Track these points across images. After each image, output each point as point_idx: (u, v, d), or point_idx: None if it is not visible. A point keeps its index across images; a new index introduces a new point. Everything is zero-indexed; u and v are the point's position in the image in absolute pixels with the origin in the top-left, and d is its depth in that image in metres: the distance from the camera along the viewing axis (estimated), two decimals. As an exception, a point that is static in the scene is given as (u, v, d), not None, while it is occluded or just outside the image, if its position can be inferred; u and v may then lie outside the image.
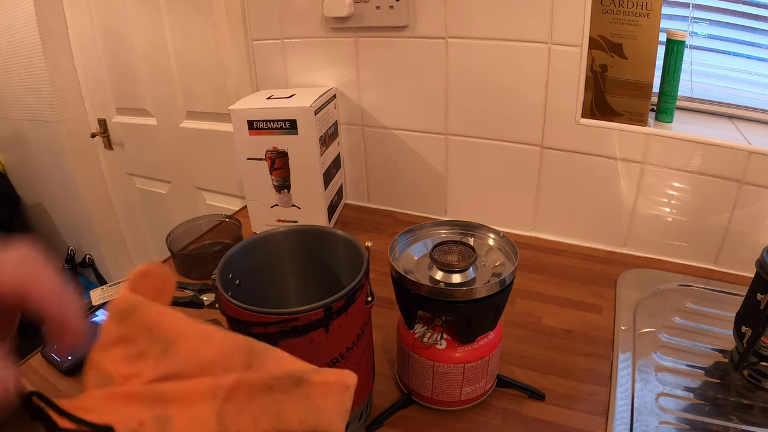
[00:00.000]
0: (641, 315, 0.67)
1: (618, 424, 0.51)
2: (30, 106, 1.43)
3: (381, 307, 0.52)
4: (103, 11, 1.23)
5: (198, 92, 1.17)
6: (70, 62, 1.35)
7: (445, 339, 0.49)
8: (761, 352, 0.53)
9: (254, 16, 0.94)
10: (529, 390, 0.55)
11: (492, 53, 0.78)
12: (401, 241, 0.52)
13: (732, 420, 0.52)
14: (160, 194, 1.42)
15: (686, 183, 0.74)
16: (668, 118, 0.76)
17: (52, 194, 1.63)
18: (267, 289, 0.52)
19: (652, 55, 0.72)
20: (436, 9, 0.78)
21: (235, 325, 0.41)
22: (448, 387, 0.50)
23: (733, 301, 0.62)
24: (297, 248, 0.52)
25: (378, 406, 0.54)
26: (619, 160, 0.76)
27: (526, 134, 0.81)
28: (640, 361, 0.59)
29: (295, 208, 0.86)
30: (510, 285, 0.48)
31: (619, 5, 0.71)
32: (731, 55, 0.77)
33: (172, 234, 0.84)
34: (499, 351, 0.51)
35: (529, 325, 0.66)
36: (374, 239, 0.87)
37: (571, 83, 0.74)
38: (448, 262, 0.48)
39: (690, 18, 0.76)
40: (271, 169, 0.83)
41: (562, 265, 0.79)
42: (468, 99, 0.83)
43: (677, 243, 0.78)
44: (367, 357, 0.48)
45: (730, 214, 0.72)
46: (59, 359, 0.62)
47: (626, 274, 0.75)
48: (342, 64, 0.91)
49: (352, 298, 0.41)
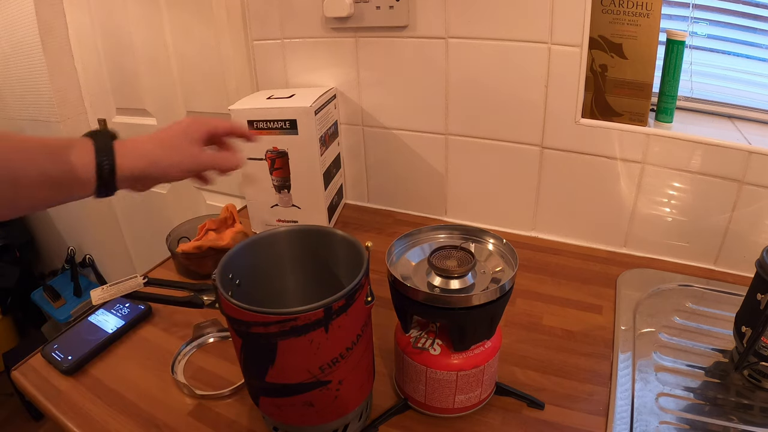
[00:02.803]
0: (641, 315, 0.67)
1: (618, 424, 0.51)
2: (30, 106, 1.43)
3: (381, 307, 0.52)
4: (103, 11, 1.23)
5: (198, 92, 1.17)
6: (70, 62, 1.35)
7: (439, 345, 0.48)
8: (761, 352, 0.53)
9: (254, 16, 0.94)
10: (528, 399, 0.54)
11: (492, 53, 0.78)
12: (399, 245, 0.52)
13: (732, 420, 0.52)
14: (160, 194, 1.42)
15: (686, 183, 0.74)
16: (668, 118, 0.76)
17: (52, 194, 1.63)
18: (267, 289, 0.52)
19: (652, 55, 0.72)
20: (436, 9, 0.78)
21: (235, 325, 0.41)
22: (440, 394, 0.50)
23: (733, 301, 0.62)
24: (297, 248, 0.52)
25: (378, 406, 0.54)
26: (619, 160, 0.76)
27: (526, 134, 0.81)
28: (640, 361, 0.59)
29: (295, 208, 0.86)
30: (508, 293, 0.46)
31: (619, 5, 0.71)
32: (731, 55, 0.77)
33: (172, 234, 0.84)
34: (496, 360, 0.50)
35: (529, 325, 0.66)
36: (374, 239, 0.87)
37: (571, 83, 0.74)
38: (446, 267, 0.47)
39: (690, 18, 0.76)
40: (271, 169, 0.83)
41: (562, 265, 0.79)
42: (468, 99, 0.83)
43: (677, 243, 0.78)
44: (367, 357, 0.48)
45: (730, 214, 0.72)
46: (59, 359, 0.62)
47: (626, 274, 0.75)
48: (342, 64, 0.90)
49: (352, 298, 0.41)
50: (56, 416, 0.56)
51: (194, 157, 0.49)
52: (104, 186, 0.44)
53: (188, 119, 0.51)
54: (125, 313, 0.70)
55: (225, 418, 0.54)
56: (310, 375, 0.42)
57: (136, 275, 0.57)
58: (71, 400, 0.57)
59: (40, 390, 0.59)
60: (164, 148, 0.47)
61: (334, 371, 0.43)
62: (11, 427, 1.60)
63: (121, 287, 0.55)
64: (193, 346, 0.65)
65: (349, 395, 0.47)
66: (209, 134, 0.51)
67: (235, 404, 0.56)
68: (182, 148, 0.48)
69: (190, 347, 0.65)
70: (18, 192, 0.39)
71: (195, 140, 0.49)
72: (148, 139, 0.47)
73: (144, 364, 0.62)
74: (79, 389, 0.59)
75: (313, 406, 0.45)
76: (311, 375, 0.42)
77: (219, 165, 0.50)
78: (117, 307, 0.71)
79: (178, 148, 0.48)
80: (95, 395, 0.58)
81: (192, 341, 0.65)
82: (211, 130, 0.51)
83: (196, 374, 0.61)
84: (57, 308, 1.60)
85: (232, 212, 0.86)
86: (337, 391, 0.45)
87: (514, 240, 0.74)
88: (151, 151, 0.46)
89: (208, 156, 0.50)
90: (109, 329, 0.67)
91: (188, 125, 0.50)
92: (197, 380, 0.60)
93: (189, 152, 0.48)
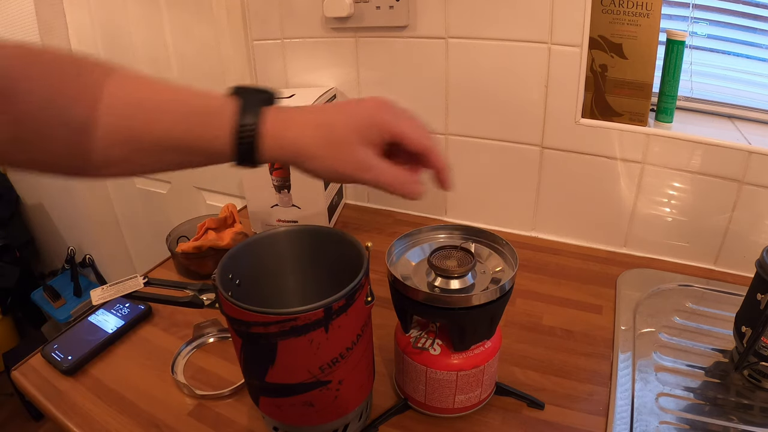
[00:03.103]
0: (641, 315, 0.67)
1: (618, 424, 0.51)
2: (30, 106, 1.43)
3: (381, 307, 0.52)
4: (103, 11, 1.23)
5: (198, 92, 1.17)
6: (70, 62, 1.35)
7: (439, 345, 0.48)
8: (761, 352, 0.53)
9: (254, 16, 0.94)
10: (528, 399, 0.54)
11: (492, 53, 0.78)
12: (399, 245, 0.52)
13: (732, 420, 0.52)
14: (160, 194, 1.42)
15: (686, 183, 0.74)
16: (668, 118, 0.76)
17: (52, 194, 1.63)
18: (267, 289, 0.52)
19: (652, 55, 0.72)
20: (436, 9, 0.78)
21: (235, 325, 0.41)
22: (440, 394, 0.50)
23: (733, 301, 0.62)
24: (297, 248, 0.52)
25: (378, 406, 0.54)
26: (619, 160, 0.76)
27: (526, 134, 0.81)
28: (640, 361, 0.59)
29: (295, 208, 0.86)
30: (508, 293, 0.46)
31: (619, 5, 0.71)
32: (731, 55, 0.77)
33: (172, 234, 0.84)
34: (496, 360, 0.50)
35: (529, 325, 0.66)
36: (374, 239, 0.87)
37: (571, 83, 0.74)
38: (446, 267, 0.46)
39: (690, 18, 0.76)
40: (271, 169, 0.83)
41: (562, 265, 0.79)
42: (468, 99, 0.83)
43: (677, 243, 0.78)
44: (367, 357, 0.48)
45: (730, 214, 0.72)
46: (59, 359, 0.62)
47: (626, 274, 0.75)
48: (342, 64, 0.90)
49: (352, 298, 0.41)
50: (56, 416, 0.56)
51: (359, 166, 0.37)
52: (243, 163, 0.37)
53: (373, 106, 0.38)
54: (125, 313, 0.70)
55: (225, 418, 0.54)
56: (310, 375, 0.42)
57: (136, 275, 0.57)
58: (71, 400, 0.57)
59: (40, 390, 0.59)
60: (324, 144, 0.36)
61: (334, 371, 0.43)
62: (11, 427, 1.60)
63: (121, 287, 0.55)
64: (193, 346, 0.65)
65: (349, 395, 0.47)
66: (393, 141, 0.38)
67: (235, 404, 0.56)
68: (349, 149, 0.37)
69: (190, 347, 0.65)
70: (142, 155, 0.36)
71: (370, 143, 0.37)
72: (311, 121, 0.37)
73: (144, 364, 0.62)
74: (79, 389, 0.59)
75: (313, 406, 0.45)
76: (311, 375, 0.42)
77: (389, 188, 0.39)
78: (117, 307, 0.71)
79: (343, 147, 0.36)
80: (95, 395, 0.58)
81: (192, 341, 0.65)
82: (397, 138, 0.38)
83: (196, 374, 0.61)
84: (57, 308, 1.61)
85: (232, 212, 0.86)
86: (337, 391, 0.45)
87: (514, 240, 0.73)
88: (305, 143, 0.36)
89: (378, 173, 0.38)
90: (109, 329, 0.67)
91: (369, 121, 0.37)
92: (197, 380, 0.60)
93: (354, 158, 0.37)
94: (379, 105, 0.38)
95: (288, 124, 0.36)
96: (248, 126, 0.36)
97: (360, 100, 0.39)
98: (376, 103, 0.38)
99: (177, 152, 0.36)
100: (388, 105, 0.39)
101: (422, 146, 0.39)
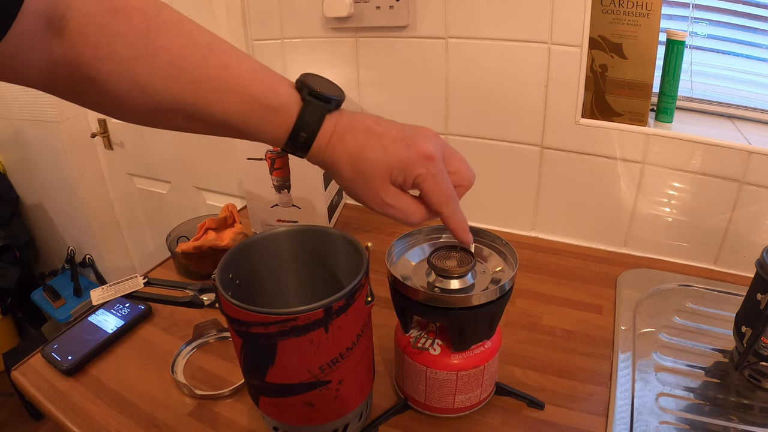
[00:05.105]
0: (641, 315, 0.67)
1: (618, 424, 0.51)
2: (30, 106, 1.43)
3: (381, 307, 0.52)
4: (103, 11, 1.23)
5: (198, 92, 1.17)
6: (70, 62, 1.35)
7: (439, 345, 0.48)
8: (761, 352, 0.53)
9: (254, 16, 0.94)
10: (528, 399, 0.54)
11: (492, 53, 0.78)
12: (399, 245, 0.51)
13: (732, 420, 0.52)
14: (160, 194, 1.42)
15: (686, 183, 0.74)
16: (668, 118, 0.76)
17: (52, 194, 1.63)
18: (267, 289, 0.52)
19: (652, 55, 0.72)
20: (436, 9, 0.78)
21: (235, 325, 0.41)
22: (440, 394, 0.50)
23: (733, 301, 0.62)
24: (297, 248, 0.52)
25: (378, 406, 0.54)
26: (619, 160, 0.76)
27: (526, 134, 0.81)
28: (640, 361, 0.59)
29: (295, 208, 0.86)
30: (507, 293, 0.46)
31: (619, 5, 0.71)
32: (731, 55, 0.77)
33: (172, 234, 0.84)
34: (497, 360, 0.50)
35: (529, 325, 0.66)
36: (374, 239, 0.87)
37: (571, 83, 0.74)
38: (446, 267, 0.46)
39: (690, 18, 0.76)
40: (271, 169, 0.83)
41: (562, 265, 0.79)
42: (468, 99, 0.83)
43: (677, 243, 0.78)
44: (367, 357, 0.48)
45: (730, 214, 0.72)
46: (59, 359, 0.62)
47: (626, 274, 0.75)
48: (342, 64, 0.90)
49: (352, 298, 0.41)
50: (56, 416, 0.56)
51: (380, 202, 0.40)
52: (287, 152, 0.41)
53: (415, 153, 0.38)
54: (125, 313, 0.70)
55: (225, 418, 0.54)
56: (310, 375, 0.42)
57: (136, 275, 0.57)
58: (71, 400, 0.57)
59: (40, 390, 0.59)
60: (355, 174, 0.39)
61: (334, 371, 0.43)
62: (11, 427, 1.60)
63: (121, 287, 0.55)
64: (193, 346, 0.65)
65: (349, 395, 0.47)
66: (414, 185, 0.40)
67: (235, 404, 0.56)
68: (374, 185, 0.39)
69: (190, 347, 0.65)
70: (194, 125, 0.38)
71: (396, 182, 0.40)
72: (354, 147, 0.39)
73: (144, 364, 0.62)
74: (79, 389, 0.59)
75: (313, 406, 0.45)
76: (311, 375, 0.42)
77: (406, 223, 0.42)
78: (117, 307, 0.71)
79: (369, 183, 0.39)
80: (95, 395, 0.58)
81: (192, 341, 0.65)
82: (420, 192, 0.40)
83: (196, 374, 0.61)
84: (57, 308, 1.61)
85: (232, 212, 0.86)
86: (337, 391, 0.45)
87: (514, 240, 0.73)
88: (340, 167, 0.39)
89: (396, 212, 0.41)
90: (109, 329, 0.67)
91: (400, 166, 0.38)
92: (197, 380, 0.60)
93: (377, 193, 0.40)
94: (421, 152, 0.39)
95: (334, 143, 0.39)
96: (304, 135, 0.38)
97: (413, 134, 0.40)
98: (419, 149, 0.39)
99: (228, 130, 0.39)
100: (431, 154, 0.39)
101: (439, 210, 0.41)
